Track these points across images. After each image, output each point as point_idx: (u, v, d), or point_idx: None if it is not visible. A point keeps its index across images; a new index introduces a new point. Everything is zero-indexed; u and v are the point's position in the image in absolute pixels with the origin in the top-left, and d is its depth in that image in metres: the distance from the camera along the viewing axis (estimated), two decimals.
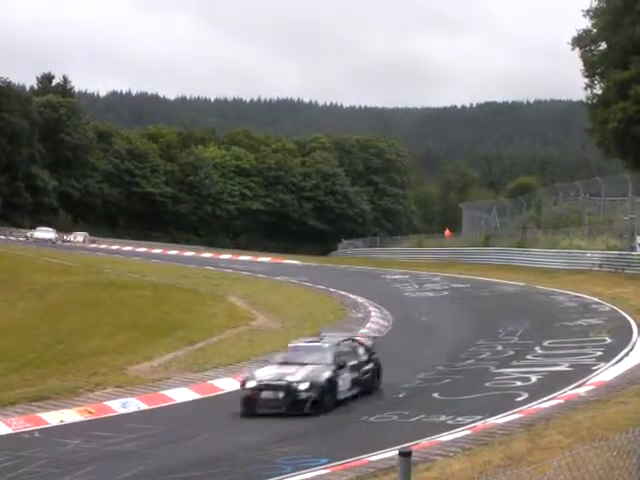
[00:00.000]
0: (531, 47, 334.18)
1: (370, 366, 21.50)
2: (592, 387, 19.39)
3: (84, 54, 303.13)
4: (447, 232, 77.20)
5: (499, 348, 26.20)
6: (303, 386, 19.28)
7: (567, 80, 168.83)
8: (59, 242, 79.72)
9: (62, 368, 24.50)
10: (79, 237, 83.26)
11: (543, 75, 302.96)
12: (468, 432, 15.89)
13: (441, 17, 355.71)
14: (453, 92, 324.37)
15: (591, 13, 61.41)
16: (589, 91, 63.82)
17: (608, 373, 21.14)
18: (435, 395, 20.48)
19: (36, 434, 18.13)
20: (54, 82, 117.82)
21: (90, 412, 19.82)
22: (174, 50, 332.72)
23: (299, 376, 19.53)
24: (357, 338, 23.48)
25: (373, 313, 35.05)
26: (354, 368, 20.77)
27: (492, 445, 14.00)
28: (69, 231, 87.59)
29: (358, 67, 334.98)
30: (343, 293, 42.03)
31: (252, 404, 19.27)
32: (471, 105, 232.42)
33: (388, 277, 51.61)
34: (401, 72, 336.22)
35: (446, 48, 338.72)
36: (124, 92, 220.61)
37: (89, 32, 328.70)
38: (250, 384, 19.61)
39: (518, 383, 20.77)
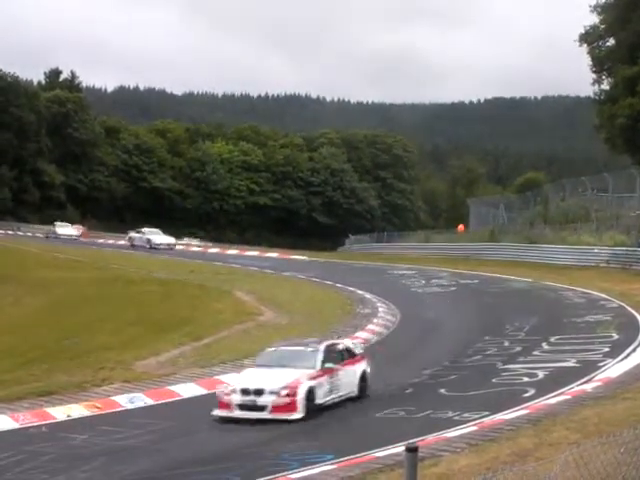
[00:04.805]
0: (539, 43, 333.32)
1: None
2: (599, 383, 19.35)
3: (90, 50, 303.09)
4: (460, 227, 77.11)
5: (506, 344, 26.16)
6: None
7: (575, 76, 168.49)
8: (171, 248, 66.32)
9: (69, 363, 24.53)
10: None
11: (551, 71, 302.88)
12: (475, 428, 15.87)
13: (449, 12, 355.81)
14: (461, 88, 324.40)
15: (598, 9, 61.34)
16: (597, 87, 63.84)
17: (615, 369, 21.11)
18: (442, 391, 20.48)
19: (43, 429, 18.16)
20: (61, 77, 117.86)
21: (97, 407, 19.85)
22: (181, 46, 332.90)
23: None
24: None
25: (380, 309, 34.99)
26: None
27: (499, 441, 13.98)
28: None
29: (365, 63, 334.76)
30: (351, 289, 41.93)
31: None
32: (479, 101, 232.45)
33: (395, 273, 51.49)
34: (409, 68, 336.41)
35: (454, 44, 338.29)
36: (131, 87, 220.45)
37: (94, 28, 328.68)
38: None
39: (525, 379, 20.75)
